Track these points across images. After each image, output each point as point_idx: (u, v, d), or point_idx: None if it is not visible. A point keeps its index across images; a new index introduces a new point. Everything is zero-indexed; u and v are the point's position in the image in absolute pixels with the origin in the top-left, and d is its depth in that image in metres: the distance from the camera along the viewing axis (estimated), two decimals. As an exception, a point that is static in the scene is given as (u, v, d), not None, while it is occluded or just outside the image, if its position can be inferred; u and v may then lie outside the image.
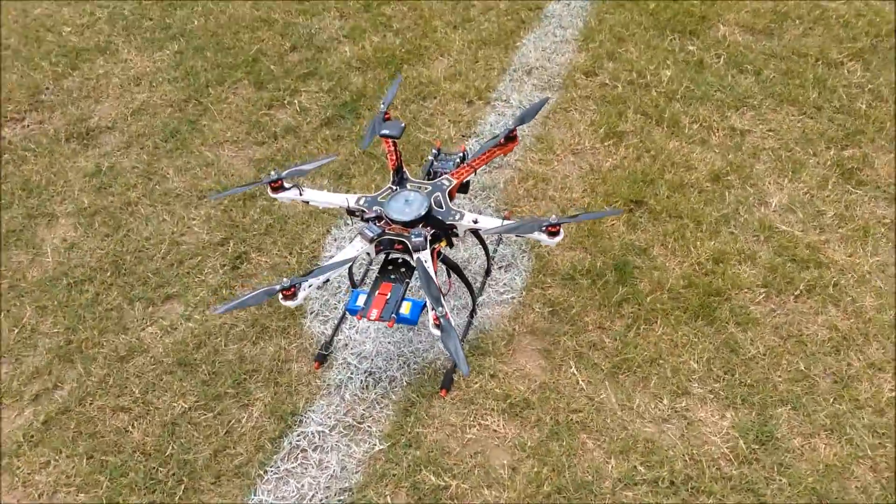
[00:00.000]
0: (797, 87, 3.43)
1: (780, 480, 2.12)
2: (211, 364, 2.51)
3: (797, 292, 2.59)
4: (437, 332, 2.05)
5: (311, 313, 2.66)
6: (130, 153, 3.35)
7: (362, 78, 3.68)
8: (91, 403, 2.43)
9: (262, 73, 3.74)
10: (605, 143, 3.21)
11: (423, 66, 3.73)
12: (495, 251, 2.79)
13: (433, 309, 2.08)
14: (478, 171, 2.52)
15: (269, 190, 2.44)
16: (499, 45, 3.82)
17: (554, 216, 2.16)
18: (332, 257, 2.74)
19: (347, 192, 3.06)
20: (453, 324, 2.06)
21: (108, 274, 2.82)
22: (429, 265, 2.19)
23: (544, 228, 2.17)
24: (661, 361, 2.42)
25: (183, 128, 3.45)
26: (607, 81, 3.54)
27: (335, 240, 2.90)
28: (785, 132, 3.22)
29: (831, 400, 2.29)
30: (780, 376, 2.36)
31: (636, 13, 3.93)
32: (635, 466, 2.17)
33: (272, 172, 2.41)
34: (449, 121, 3.41)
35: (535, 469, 2.18)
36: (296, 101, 3.57)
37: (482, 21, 3.97)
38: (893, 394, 2.28)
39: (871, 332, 2.45)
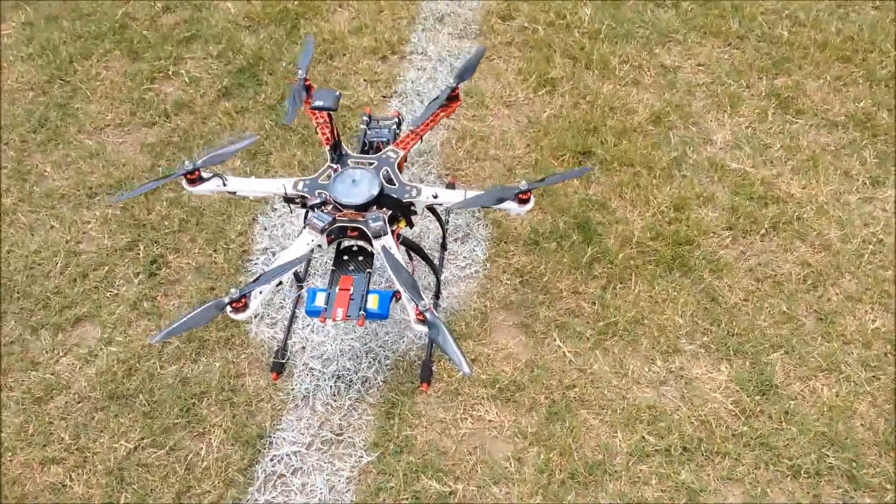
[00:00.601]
0: (717, 17, 3.44)
1: (790, 430, 2.14)
2: (149, 392, 2.23)
3: (762, 231, 2.61)
4: (422, 329, 1.86)
5: (256, 317, 2.41)
6: (-9, 151, 2.90)
7: (255, 38, 3.35)
8: (12, 460, 2.10)
9: (134, 41, 3.33)
10: (539, 93, 3.10)
11: (322, 19, 3.45)
12: (446, 222, 2.63)
13: (411, 301, 1.88)
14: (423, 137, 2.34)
15: (184, 183, 2.14)
16: (402, -9, 3.59)
17: (524, 182, 2.00)
18: (266, 250, 2.50)
19: (266, 172, 2.80)
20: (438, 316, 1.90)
21: (-3, 300, 2.44)
22: (395, 252, 1.99)
23: (514, 197, 2.03)
24: (645, 321, 2.37)
25: (52, 114, 3.02)
26: (526, 24, 3.41)
27: (265, 229, 2.63)
28: (715, 65, 3.23)
29: (819, 339, 2.33)
30: (765, 321, 2.37)
31: (542, -52, 3.79)
32: (644, 437, 2.13)
33: (186, 162, 2.10)
34: (364, 80, 3.17)
35: (543, 456, 2.09)
36: (182, 71, 3.21)
37: (379, -34, 3.71)
38: (876, 324, 2.35)
39: (841, 264, 2.51)
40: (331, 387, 2.24)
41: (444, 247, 2.56)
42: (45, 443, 2.12)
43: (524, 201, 2.03)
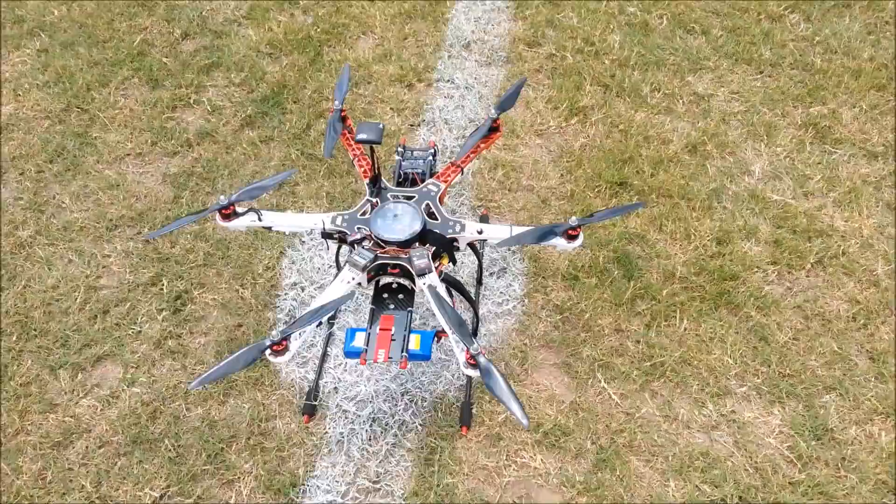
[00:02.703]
0: (748, 44, 3.38)
1: (849, 478, 2.03)
2: (175, 437, 2.13)
3: (808, 266, 2.52)
4: (473, 374, 1.75)
5: (286, 356, 2.30)
6: (8, 182, 2.81)
7: (278, 66, 3.29)
8: (28, 510, 1.99)
9: (153, 69, 3.26)
10: (571, 121, 3.02)
11: (346, 46, 3.38)
12: (481, 255, 2.54)
13: (459, 343, 1.77)
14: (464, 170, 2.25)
15: (218, 218, 2.04)
16: (426, 18, 3.53)
17: (574, 218, 1.91)
18: (295, 285, 2.41)
19: (293, 204, 2.72)
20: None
21: (14, 338, 2.34)
22: (442, 291, 1.89)
23: (563, 233, 1.93)
24: (693, 361, 2.28)
25: (69, 143, 2.94)
26: (554, 51, 3.34)
27: (293, 263, 2.54)
28: (748, 93, 3.16)
29: (873, 380, 2.23)
30: (816, 361, 2.28)
31: (567, -26, 3.74)
32: (697, 486, 2.03)
33: (221, 197, 2.00)
34: (391, 109, 3.10)
35: (592, 507, 1.99)
36: (204, 99, 3.13)
37: (402, -8, 3.66)
38: (934, 365, 2.26)
39: (890, 300, 2.42)
40: (366, 431, 2.14)
41: (479, 282, 2.47)
42: (65, 491, 2.02)
43: (573, 237, 1.94)
